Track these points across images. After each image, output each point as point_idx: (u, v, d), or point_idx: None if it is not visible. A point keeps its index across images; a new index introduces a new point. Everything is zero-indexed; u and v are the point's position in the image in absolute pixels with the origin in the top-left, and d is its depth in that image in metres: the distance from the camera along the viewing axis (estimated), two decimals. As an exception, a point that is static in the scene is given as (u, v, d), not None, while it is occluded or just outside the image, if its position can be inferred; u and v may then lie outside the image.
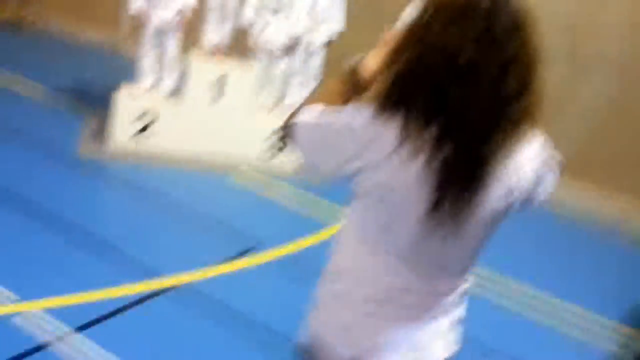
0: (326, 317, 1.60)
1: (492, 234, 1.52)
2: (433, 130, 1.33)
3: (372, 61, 1.51)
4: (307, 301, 1.43)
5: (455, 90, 1.30)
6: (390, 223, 1.43)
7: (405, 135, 1.34)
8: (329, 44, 5.68)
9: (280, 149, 5.50)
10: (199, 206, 4.52)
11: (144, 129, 5.31)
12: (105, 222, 4.23)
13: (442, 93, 1.31)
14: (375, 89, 1.47)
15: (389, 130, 1.36)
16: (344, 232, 1.57)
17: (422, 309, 1.54)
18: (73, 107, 6.05)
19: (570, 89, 5.65)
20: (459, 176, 1.34)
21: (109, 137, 5.28)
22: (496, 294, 4.04)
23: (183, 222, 4.33)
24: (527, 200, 1.52)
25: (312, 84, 5.68)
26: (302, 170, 1.41)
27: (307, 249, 4.23)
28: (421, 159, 1.34)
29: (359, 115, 1.41)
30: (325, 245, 4.14)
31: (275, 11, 5.44)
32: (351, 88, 1.54)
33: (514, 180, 1.43)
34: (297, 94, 5.70)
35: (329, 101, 1.53)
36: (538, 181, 1.51)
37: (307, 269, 3.95)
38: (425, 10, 1.36)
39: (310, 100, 1.57)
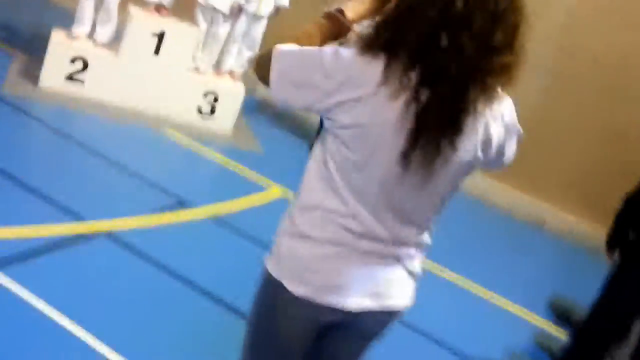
0: (284, 256, 1.63)
1: (458, 187, 1.58)
2: (414, 75, 1.38)
3: (358, 5, 1.58)
4: (231, 260, 1.54)
5: (444, 39, 1.35)
6: (363, 162, 1.46)
7: (387, 77, 1.39)
8: (274, 16, 5.73)
9: (212, 112, 5.56)
10: (129, 158, 4.53)
11: (75, 73, 5.20)
12: (30, 164, 4.16)
13: (430, 40, 1.37)
14: (360, 31, 1.52)
15: (371, 70, 1.40)
16: (309, 171, 1.61)
17: (379, 255, 1.58)
18: (2, 44, 5.83)
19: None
20: (435, 123, 1.39)
21: (39, 78, 5.15)
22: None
23: (111, 172, 4.32)
24: (494, 158, 1.58)
25: (249, 54, 5.74)
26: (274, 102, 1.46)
27: (235, 211, 4.33)
28: (400, 101, 1.39)
29: (342, 52, 1.44)
30: (254, 210, 4.31)
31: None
32: (334, 29, 1.58)
33: (485, 134, 1.49)
34: (233, 61, 5.74)
35: (306, 42, 1.55)
36: (506, 140, 1.56)
37: (233, 230, 4.06)
38: None
39: (287, 39, 1.57)
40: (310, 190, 1.60)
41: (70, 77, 5.20)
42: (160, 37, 5.29)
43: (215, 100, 5.60)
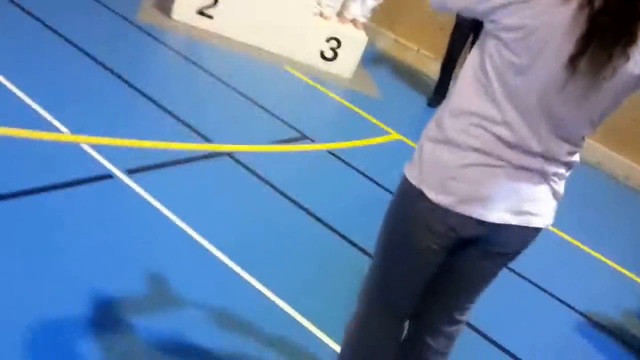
0: (427, 162, 1.58)
1: (619, 104, 1.49)
2: None
3: None
4: (346, 193, 1.51)
5: None
6: (526, 66, 1.40)
7: None
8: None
9: (334, 57, 5.59)
10: (252, 90, 4.63)
11: (206, 8, 5.36)
12: (162, 86, 4.33)
13: None
14: None
15: None
16: (464, 74, 1.54)
17: (528, 169, 1.52)
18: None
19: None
20: (609, 28, 1.32)
21: (172, 10, 5.34)
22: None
23: (237, 101, 4.45)
24: None
25: (373, 4, 5.72)
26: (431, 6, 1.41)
27: (352, 149, 4.37)
28: (574, 3, 1.32)
29: None
30: (370, 150, 4.35)
31: None
32: None
33: None
34: (358, 10, 5.74)
35: None
36: None
37: (349, 166, 4.11)
38: None
39: None
40: (463, 94, 1.53)
41: (200, 12, 5.36)
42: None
43: (338, 46, 5.62)
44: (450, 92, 1.61)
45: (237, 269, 2.78)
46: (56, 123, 3.26)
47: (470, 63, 1.54)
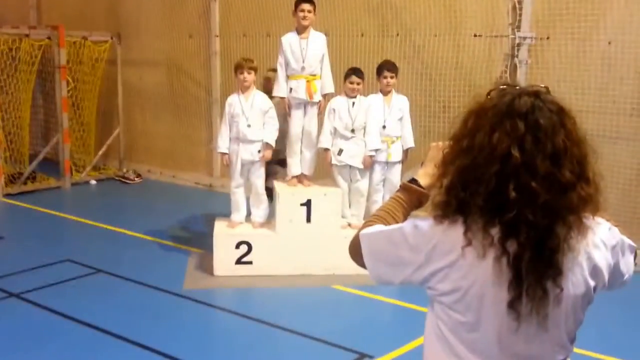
0: None
1: (579, 319, 1.49)
2: (495, 231, 1.37)
3: (428, 171, 1.62)
4: None
5: (511, 189, 1.34)
6: (473, 322, 1.44)
7: (469, 238, 1.39)
8: (405, 158, 5.96)
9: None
10: (305, 322, 4.69)
11: (242, 257, 5.63)
12: (220, 351, 4.43)
13: (498, 194, 1.35)
14: (432, 200, 1.55)
15: (453, 235, 1.42)
16: (427, 335, 1.58)
17: None
18: (177, 243, 6.48)
19: None
20: (531, 269, 1.36)
21: (212, 268, 5.62)
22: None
23: (294, 340, 4.48)
24: (612, 281, 1.51)
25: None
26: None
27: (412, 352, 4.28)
28: (490, 257, 1.38)
29: (421, 225, 1.48)
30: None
31: (352, 132, 5.77)
32: (413, 199, 1.64)
33: (591, 265, 1.44)
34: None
35: (390, 219, 1.62)
36: (618, 261, 1.51)
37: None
38: (466, 119, 1.44)
39: (371, 220, 1.65)
40: (432, 352, 1.57)
41: (238, 261, 5.63)
42: (308, 205, 5.64)
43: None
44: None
45: None
46: None
47: (428, 325, 1.59)
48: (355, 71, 5.86)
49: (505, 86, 1.46)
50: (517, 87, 1.44)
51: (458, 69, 6.82)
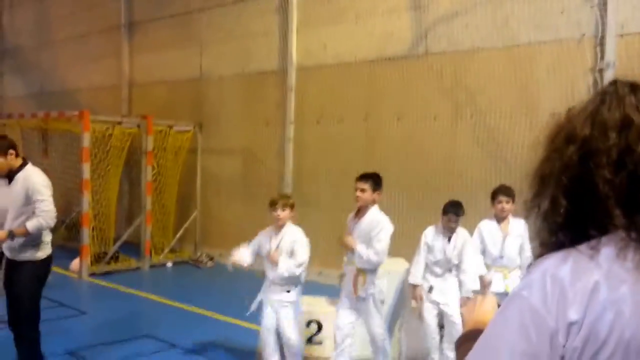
0: None
1: None
2: (630, 254, 1.07)
3: (479, 314, 1.39)
4: None
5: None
6: None
7: (600, 280, 1.07)
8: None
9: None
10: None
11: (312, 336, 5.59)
12: None
13: (634, 199, 1.08)
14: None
15: (580, 285, 1.07)
16: None
17: None
18: (250, 323, 6.50)
19: None
20: None
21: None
22: None
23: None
24: None
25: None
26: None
27: None
28: (625, 288, 1.05)
29: (522, 306, 1.10)
30: None
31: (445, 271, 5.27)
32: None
33: None
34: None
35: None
36: None
37: None
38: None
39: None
40: None
41: (308, 340, 5.58)
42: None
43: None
44: None
45: None
46: None
47: None
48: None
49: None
50: None
51: (534, 150, 6.73)
